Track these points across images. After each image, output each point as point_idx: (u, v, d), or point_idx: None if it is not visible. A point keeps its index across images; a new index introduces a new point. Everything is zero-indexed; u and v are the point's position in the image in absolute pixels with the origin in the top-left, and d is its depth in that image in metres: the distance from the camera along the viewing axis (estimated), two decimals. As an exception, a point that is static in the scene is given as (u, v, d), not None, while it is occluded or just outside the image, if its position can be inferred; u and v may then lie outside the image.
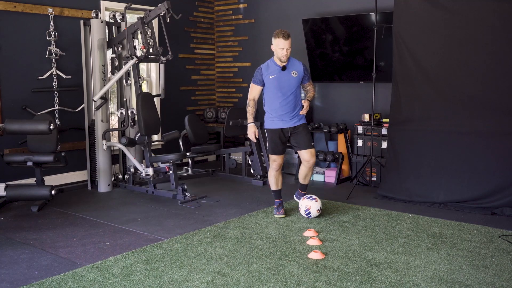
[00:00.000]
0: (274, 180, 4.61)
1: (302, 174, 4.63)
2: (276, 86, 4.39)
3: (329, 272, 3.25)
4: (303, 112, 4.47)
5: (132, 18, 6.53)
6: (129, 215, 4.71)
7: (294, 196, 4.88)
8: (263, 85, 4.46)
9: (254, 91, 4.51)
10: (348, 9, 6.35)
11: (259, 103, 4.66)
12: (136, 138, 5.59)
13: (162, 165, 5.46)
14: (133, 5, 5.74)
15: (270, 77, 4.39)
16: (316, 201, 4.51)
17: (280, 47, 4.31)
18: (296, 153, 4.77)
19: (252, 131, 4.51)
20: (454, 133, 4.95)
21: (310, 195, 4.58)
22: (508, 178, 4.67)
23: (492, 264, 3.40)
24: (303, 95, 4.72)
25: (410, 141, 5.23)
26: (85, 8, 6.04)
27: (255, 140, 4.62)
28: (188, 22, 7.42)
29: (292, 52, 6.87)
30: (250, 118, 4.52)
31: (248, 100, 4.53)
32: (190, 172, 6.53)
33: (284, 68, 4.40)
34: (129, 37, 5.48)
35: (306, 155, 4.48)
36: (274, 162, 4.55)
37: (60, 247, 3.79)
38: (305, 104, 4.46)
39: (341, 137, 6.36)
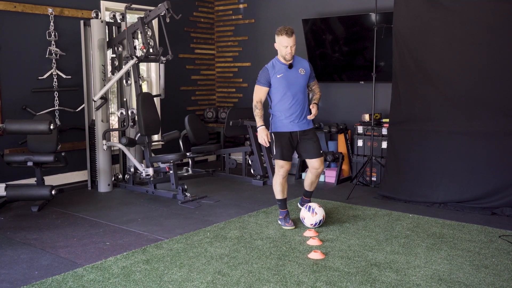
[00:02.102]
0: (280, 188, 4.28)
1: (308, 181, 4.43)
2: (285, 86, 4.15)
3: (329, 272, 3.25)
4: (311, 117, 4.20)
5: (132, 18, 6.53)
6: (129, 215, 4.71)
7: (298, 203, 4.71)
8: (269, 86, 4.19)
9: (260, 92, 4.21)
10: (348, 9, 6.35)
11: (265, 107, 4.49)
12: (136, 138, 5.59)
13: (162, 165, 5.46)
14: (133, 5, 5.74)
15: (278, 76, 4.15)
16: (314, 215, 4.18)
17: (283, 45, 4.07)
18: (299, 156, 4.38)
19: (264, 134, 4.15)
20: (454, 133, 4.95)
21: (313, 208, 4.22)
22: (508, 178, 4.67)
23: (492, 264, 3.40)
24: None
25: (410, 141, 5.23)
26: (85, 8, 6.04)
27: (267, 145, 4.19)
28: (188, 22, 7.42)
29: (292, 52, 6.92)
30: (259, 121, 4.17)
31: (254, 103, 4.21)
32: (190, 172, 6.53)
33: (291, 66, 4.17)
34: (129, 37, 5.48)
35: (316, 163, 4.27)
36: (282, 168, 4.21)
37: (60, 247, 3.79)
38: (314, 109, 4.16)
39: (341, 137, 6.36)
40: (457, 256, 3.57)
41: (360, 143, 6.06)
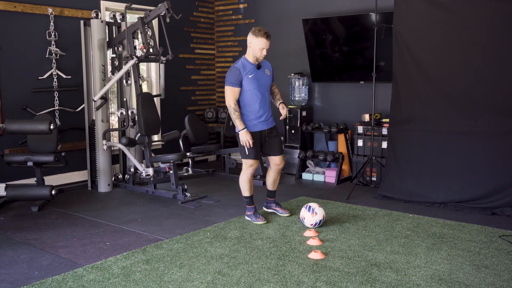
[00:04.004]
0: (249, 186, 4.40)
1: (271, 179, 4.53)
2: (255, 86, 4.21)
3: (329, 272, 3.25)
4: (283, 116, 4.36)
5: (132, 18, 6.53)
6: (129, 215, 4.71)
7: (264, 206, 4.71)
8: (240, 86, 4.20)
9: (233, 94, 4.19)
10: (348, 9, 6.35)
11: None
12: (136, 138, 5.59)
13: (162, 165, 5.46)
14: (133, 5, 5.74)
15: (249, 76, 4.19)
16: (313, 215, 4.17)
17: (261, 46, 4.12)
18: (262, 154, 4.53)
19: (247, 138, 4.18)
20: (454, 133, 4.95)
21: (313, 208, 4.19)
22: (508, 178, 4.67)
23: (492, 264, 3.40)
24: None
25: (410, 141, 5.23)
26: (85, 8, 6.04)
27: (251, 146, 4.20)
28: (188, 22, 7.42)
29: (292, 52, 6.95)
30: (240, 124, 4.18)
31: (231, 105, 4.18)
32: (190, 172, 6.53)
33: (259, 67, 4.27)
34: (129, 37, 5.48)
35: (278, 160, 4.43)
36: (251, 167, 4.33)
37: (60, 247, 3.79)
38: (284, 110, 4.33)
39: (341, 137, 6.36)
40: (457, 256, 3.57)
41: (360, 143, 6.06)
